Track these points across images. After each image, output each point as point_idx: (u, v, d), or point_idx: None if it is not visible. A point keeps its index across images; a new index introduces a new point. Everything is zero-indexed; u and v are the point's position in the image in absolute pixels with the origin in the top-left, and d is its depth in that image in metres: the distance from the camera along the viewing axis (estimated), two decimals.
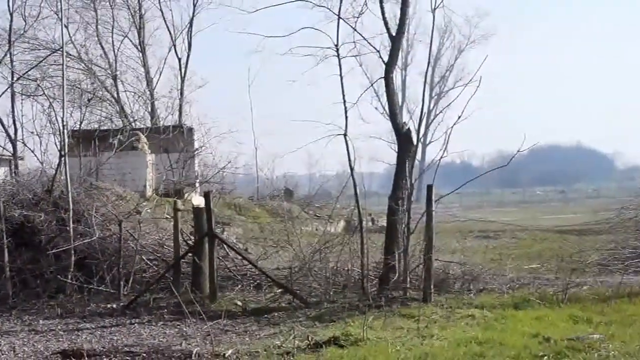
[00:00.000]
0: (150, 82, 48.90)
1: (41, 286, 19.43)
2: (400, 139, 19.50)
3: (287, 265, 20.16)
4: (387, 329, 14.64)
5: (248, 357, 12.93)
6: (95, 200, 22.17)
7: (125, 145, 34.15)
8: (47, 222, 20.36)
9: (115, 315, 17.65)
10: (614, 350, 12.20)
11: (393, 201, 18.87)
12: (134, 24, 48.78)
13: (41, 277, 19.62)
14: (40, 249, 19.88)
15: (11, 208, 20.45)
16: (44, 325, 16.94)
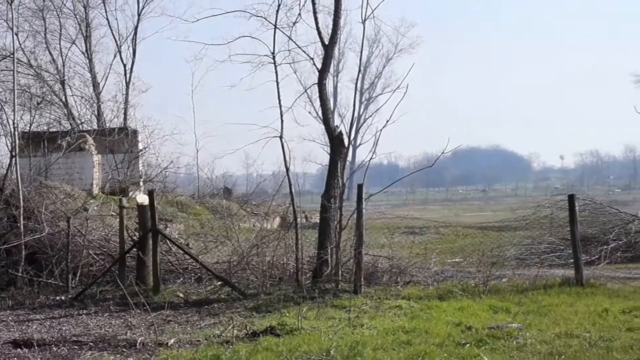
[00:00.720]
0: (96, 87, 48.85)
1: None
2: (332, 142, 19.56)
3: (226, 259, 20.12)
4: (320, 319, 14.66)
5: (189, 345, 12.88)
6: (44, 198, 22.03)
7: (73, 147, 33.95)
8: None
9: (63, 307, 17.51)
10: (531, 338, 12.33)
11: (326, 199, 18.92)
12: (81, 32, 48.68)
13: None
14: None
15: None
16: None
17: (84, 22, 48.78)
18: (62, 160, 32.21)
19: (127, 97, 48.60)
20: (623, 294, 16.48)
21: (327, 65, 19.88)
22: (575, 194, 20.85)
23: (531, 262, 22.37)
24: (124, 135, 39.44)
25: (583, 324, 13.37)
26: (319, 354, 11.56)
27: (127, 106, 48.32)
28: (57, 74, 47.14)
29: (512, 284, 18.04)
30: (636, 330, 12.77)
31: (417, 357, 11.19)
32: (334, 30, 19.63)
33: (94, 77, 48.97)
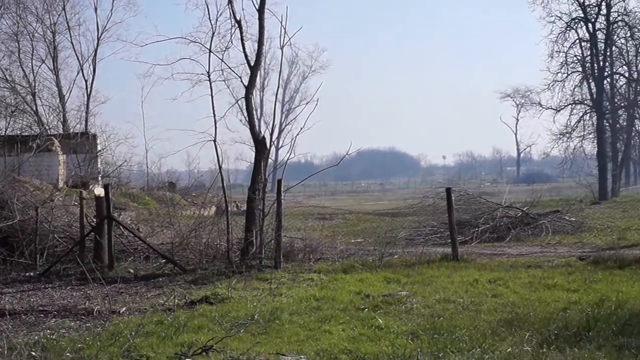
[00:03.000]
0: (62, 99, 48.62)
1: None
2: (257, 145, 19.56)
3: (169, 241, 19.95)
4: (247, 290, 14.62)
5: (138, 313, 12.75)
6: (17, 191, 21.63)
7: (42, 148, 33.63)
8: None
9: (32, 282, 17.17)
10: (417, 303, 12.45)
11: (251, 191, 18.94)
12: (49, 53, 48.47)
13: None
14: None
15: None
16: None
17: (52, 45, 48.65)
18: (32, 159, 31.84)
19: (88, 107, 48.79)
20: (490, 267, 16.71)
21: (253, 83, 19.86)
22: (452, 187, 21.13)
23: (418, 242, 22.59)
24: (85, 139, 39.44)
25: (458, 291, 13.55)
26: (245, 318, 11.55)
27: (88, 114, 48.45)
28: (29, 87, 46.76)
29: (402, 260, 18.19)
30: (500, 296, 12.98)
31: (325, 320, 11.22)
32: (258, 54, 19.64)
33: (60, 90, 48.80)
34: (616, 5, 55.51)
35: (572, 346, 8.92)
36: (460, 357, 8.65)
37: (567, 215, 27.65)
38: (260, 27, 19.47)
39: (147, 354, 9.29)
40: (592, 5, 55.51)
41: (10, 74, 45.42)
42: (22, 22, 46.98)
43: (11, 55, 46.15)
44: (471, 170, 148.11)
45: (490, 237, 23.55)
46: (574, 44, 56.24)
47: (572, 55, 56.33)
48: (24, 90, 46.43)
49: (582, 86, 56.79)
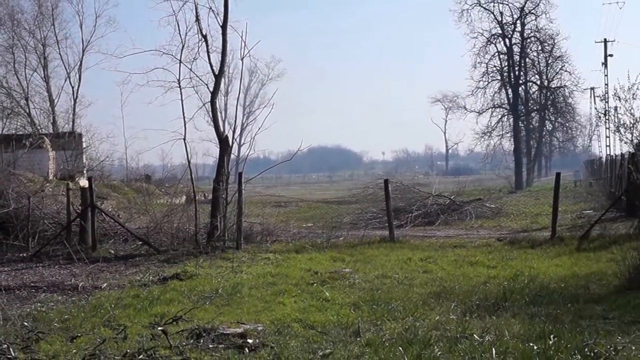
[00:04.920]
0: (52, 103, 48.52)
1: None
2: (221, 143, 19.50)
3: (145, 225, 19.83)
4: (212, 267, 14.58)
5: (118, 288, 12.65)
6: (11, 182, 21.35)
7: (34, 146, 33.31)
8: None
9: (25, 262, 16.92)
10: (359, 278, 12.53)
11: (216, 183, 18.88)
12: (40, 63, 48.18)
13: None
14: None
15: None
16: None
17: (42, 56, 48.51)
18: (26, 155, 31.52)
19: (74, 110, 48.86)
20: (421, 247, 16.89)
21: (217, 89, 19.81)
22: (389, 179, 21.29)
23: (360, 226, 22.74)
24: (72, 138, 39.44)
25: (394, 268, 13.66)
26: (210, 292, 11.52)
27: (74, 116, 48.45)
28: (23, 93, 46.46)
29: (347, 241, 18.29)
30: (430, 272, 13.12)
31: (280, 294, 11.23)
32: (222, 65, 19.58)
33: (50, 95, 48.69)
34: (529, 24, 56.88)
35: (491, 314, 9.05)
36: (396, 324, 8.72)
37: (488, 202, 28.09)
38: (223, 41, 19.45)
39: (125, 323, 9.22)
40: (509, 23, 56.65)
41: (6, 81, 45.12)
42: (16, 36, 46.70)
43: (7, 65, 46.00)
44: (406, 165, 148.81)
45: (422, 221, 23.78)
46: (494, 56, 57.25)
47: (492, 65, 57.29)
48: (19, 95, 46.07)
49: (500, 92, 57.73)
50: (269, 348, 7.85)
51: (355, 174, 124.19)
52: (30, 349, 8.24)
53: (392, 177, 26.64)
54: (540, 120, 60.64)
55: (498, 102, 57.99)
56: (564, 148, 67.18)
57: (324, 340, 8.09)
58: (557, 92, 59.14)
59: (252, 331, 8.55)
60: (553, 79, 58.97)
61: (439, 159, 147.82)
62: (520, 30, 56.77)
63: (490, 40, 56.69)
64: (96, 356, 7.64)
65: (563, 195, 19.86)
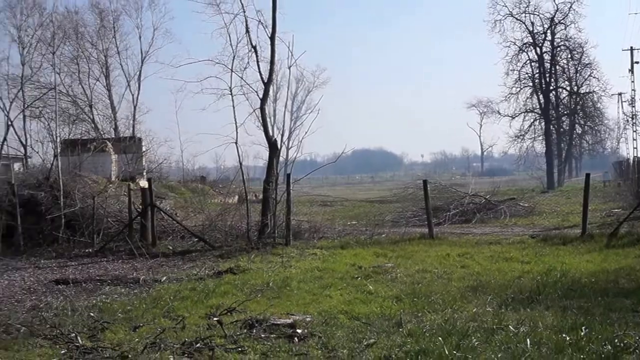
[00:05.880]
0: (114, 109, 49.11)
1: (42, 239, 18.83)
2: (270, 146, 19.59)
3: (201, 223, 19.99)
4: (263, 262, 14.64)
5: (176, 281, 12.75)
6: (77, 184, 21.64)
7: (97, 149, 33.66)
8: (46, 198, 19.76)
9: (90, 257, 17.19)
10: (400, 273, 12.44)
11: (266, 183, 18.97)
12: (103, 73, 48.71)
13: (42, 233, 19.00)
14: (41, 215, 19.23)
15: (22, 189, 19.81)
16: (44, 263, 16.36)
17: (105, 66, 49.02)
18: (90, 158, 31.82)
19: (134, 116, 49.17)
20: (459, 244, 16.72)
21: (266, 96, 19.89)
22: (428, 179, 21.14)
23: (401, 224, 22.67)
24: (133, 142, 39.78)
25: (433, 263, 13.54)
26: (261, 285, 11.55)
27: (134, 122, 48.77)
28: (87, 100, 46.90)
29: (389, 238, 18.18)
30: (467, 267, 12.99)
31: (326, 287, 11.22)
32: (270, 73, 19.66)
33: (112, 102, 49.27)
34: (559, 33, 56.07)
35: (525, 307, 8.91)
36: (435, 316, 8.64)
37: (522, 202, 27.74)
38: (272, 52, 19.53)
39: (183, 314, 9.30)
40: (540, 32, 55.95)
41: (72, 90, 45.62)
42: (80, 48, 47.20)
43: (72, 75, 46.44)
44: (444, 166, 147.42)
45: (460, 219, 23.59)
46: (526, 64, 56.54)
47: (524, 73, 56.59)
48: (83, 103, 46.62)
49: (532, 98, 57.03)
50: (317, 338, 7.84)
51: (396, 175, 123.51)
52: (96, 337, 8.36)
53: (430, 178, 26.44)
54: (570, 124, 59.80)
55: (530, 107, 57.35)
56: (593, 150, 66.11)
57: (368, 331, 8.06)
58: (586, 97, 58.40)
59: (301, 322, 8.54)
60: (582, 85, 58.23)
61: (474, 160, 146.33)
62: (550, 39, 56.06)
63: (522, 49, 56.06)
64: (157, 345, 7.71)
65: (593, 195, 19.49)
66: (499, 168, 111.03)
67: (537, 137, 57.67)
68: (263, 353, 7.32)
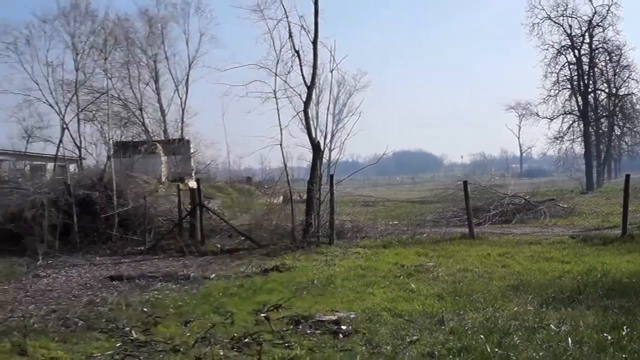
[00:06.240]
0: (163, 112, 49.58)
1: (97, 237, 19.18)
2: (314, 148, 19.64)
3: (247, 222, 20.12)
4: (308, 261, 14.70)
5: (224, 278, 12.88)
6: (130, 184, 21.98)
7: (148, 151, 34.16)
8: (100, 198, 20.07)
9: (142, 254, 17.48)
10: (441, 272, 12.38)
11: (310, 184, 19.00)
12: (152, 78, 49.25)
13: (97, 231, 19.35)
14: (96, 214, 19.57)
15: (77, 189, 20.15)
16: (99, 260, 16.71)
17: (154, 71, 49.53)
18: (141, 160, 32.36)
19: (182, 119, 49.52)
20: (499, 244, 16.54)
21: (309, 99, 19.94)
22: (468, 180, 20.96)
23: (441, 224, 22.48)
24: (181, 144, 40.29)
25: (474, 262, 13.44)
26: (307, 283, 11.61)
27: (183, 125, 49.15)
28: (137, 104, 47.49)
29: (430, 238, 18.07)
30: (507, 266, 12.84)
31: (369, 285, 11.23)
32: (313, 77, 19.69)
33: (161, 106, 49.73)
34: (597, 35, 55.04)
35: (566, 307, 8.80)
36: (477, 314, 8.59)
37: (561, 202, 27.28)
38: (314, 56, 19.56)
39: (232, 310, 9.39)
40: (578, 35, 54.98)
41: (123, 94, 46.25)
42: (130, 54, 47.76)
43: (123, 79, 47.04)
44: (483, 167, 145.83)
45: (499, 220, 23.32)
46: (564, 67, 55.60)
47: (563, 75, 55.64)
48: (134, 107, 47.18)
49: (571, 100, 56.06)
50: (361, 334, 7.87)
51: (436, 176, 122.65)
52: (149, 331, 8.50)
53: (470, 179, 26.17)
54: (609, 126, 58.66)
55: (569, 109, 56.39)
56: (633, 151, 64.71)
57: (411, 328, 8.05)
58: (624, 99, 57.24)
59: (345, 318, 8.58)
60: (621, 87, 57.04)
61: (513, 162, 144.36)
62: (588, 42, 55.05)
63: (560, 52, 55.16)
64: (207, 339, 7.81)
65: (632, 195, 19.05)
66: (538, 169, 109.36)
67: (576, 138, 56.73)
68: (309, 348, 7.36)
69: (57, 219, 18.77)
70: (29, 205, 18.90)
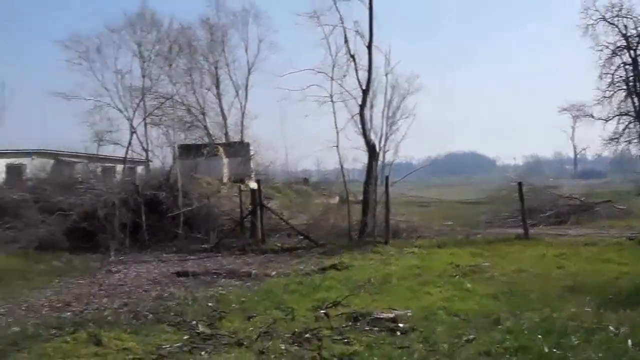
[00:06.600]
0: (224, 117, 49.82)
1: (164, 235, 19.55)
2: (369, 149, 19.66)
3: (305, 222, 20.22)
4: (364, 260, 14.70)
5: (284, 275, 13.00)
6: (194, 185, 22.32)
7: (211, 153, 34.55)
8: (167, 198, 20.47)
9: (206, 252, 17.74)
10: (496, 272, 12.23)
11: (366, 185, 19.07)
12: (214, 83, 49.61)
13: (164, 229, 19.72)
14: (163, 214, 19.97)
15: (146, 189, 20.56)
16: (166, 257, 17.06)
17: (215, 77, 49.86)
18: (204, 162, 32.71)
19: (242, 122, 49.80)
20: (554, 245, 16.20)
21: (365, 103, 19.92)
22: (522, 181, 20.62)
23: (495, 224, 22.24)
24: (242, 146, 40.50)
25: (529, 263, 13.21)
26: (363, 281, 11.61)
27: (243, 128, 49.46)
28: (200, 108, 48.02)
29: (484, 238, 17.85)
30: (563, 267, 12.61)
31: (425, 284, 11.18)
32: (368, 81, 19.69)
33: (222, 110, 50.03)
34: None
35: (624, 308, 8.57)
36: (533, 314, 8.43)
37: (617, 204, 26.53)
38: (369, 60, 19.58)
39: (292, 306, 9.46)
40: (634, 35, 53.45)
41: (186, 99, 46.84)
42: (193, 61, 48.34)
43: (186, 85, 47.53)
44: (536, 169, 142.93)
45: (554, 221, 22.88)
46: (619, 67, 54.12)
47: (618, 76, 54.15)
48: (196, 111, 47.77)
49: (626, 101, 54.54)
50: (418, 332, 7.83)
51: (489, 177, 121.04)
52: (214, 325, 8.64)
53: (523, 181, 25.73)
54: None
55: (624, 110, 54.90)
56: None
57: (467, 327, 7.97)
58: None
59: (402, 316, 8.55)
60: None
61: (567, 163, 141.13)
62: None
63: (615, 52, 53.70)
64: (269, 333, 7.90)
65: None
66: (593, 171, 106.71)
67: (632, 139, 55.23)
68: (367, 345, 7.37)
69: (127, 217, 19.21)
70: (101, 204, 19.36)
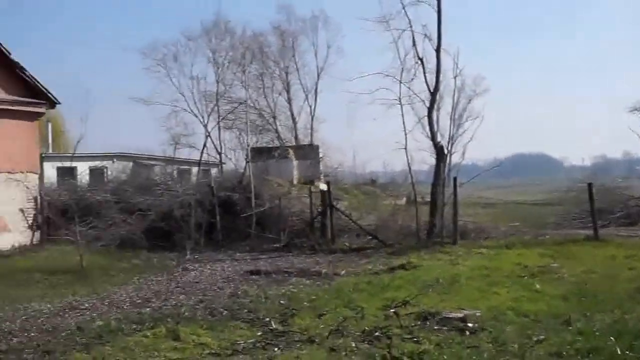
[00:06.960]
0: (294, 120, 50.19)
1: (237, 234, 19.81)
2: (437, 151, 19.46)
3: (373, 222, 20.15)
4: (432, 260, 14.57)
5: (353, 275, 13.02)
6: (265, 186, 22.56)
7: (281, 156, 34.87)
8: (240, 199, 20.73)
9: (278, 251, 17.92)
10: (565, 273, 11.92)
11: (434, 186, 18.83)
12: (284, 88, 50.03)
13: (237, 229, 19.97)
14: (236, 214, 20.22)
15: (220, 191, 20.88)
16: (239, 256, 17.32)
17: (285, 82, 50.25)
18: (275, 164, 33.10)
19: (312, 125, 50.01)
20: (625, 246, 15.63)
21: (433, 105, 19.75)
22: (592, 182, 20.01)
23: (564, 225, 21.64)
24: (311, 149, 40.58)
25: (599, 264, 12.81)
26: (432, 281, 11.51)
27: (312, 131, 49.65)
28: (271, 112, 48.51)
29: (552, 239, 17.37)
30: (634, 269, 12.15)
31: (493, 284, 11.00)
32: (436, 83, 19.45)
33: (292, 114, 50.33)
34: None
35: None
36: (604, 316, 8.18)
37: None
38: (437, 63, 19.29)
39: (362, 305, 9.45)
40: None
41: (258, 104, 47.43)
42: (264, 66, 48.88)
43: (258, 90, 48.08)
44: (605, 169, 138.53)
45: (625, 222, 22.08)
46: None
47: None
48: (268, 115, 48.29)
49: None
50: (487, 332, 7.70)
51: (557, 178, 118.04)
52: (286, 322, 8.72)
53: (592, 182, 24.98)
54: None
55: None
56: None
57: (537, 328, 7.79)
58: None
59: (471, 316, 8.42)
60: None
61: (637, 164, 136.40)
62: None
63: None
64: (340, 331, 7.92)
65: None
66: None
67: None
68: (437, 344, 7.29)
69: (202, 218, 19.56)
70: (178, 205, 19.79)
